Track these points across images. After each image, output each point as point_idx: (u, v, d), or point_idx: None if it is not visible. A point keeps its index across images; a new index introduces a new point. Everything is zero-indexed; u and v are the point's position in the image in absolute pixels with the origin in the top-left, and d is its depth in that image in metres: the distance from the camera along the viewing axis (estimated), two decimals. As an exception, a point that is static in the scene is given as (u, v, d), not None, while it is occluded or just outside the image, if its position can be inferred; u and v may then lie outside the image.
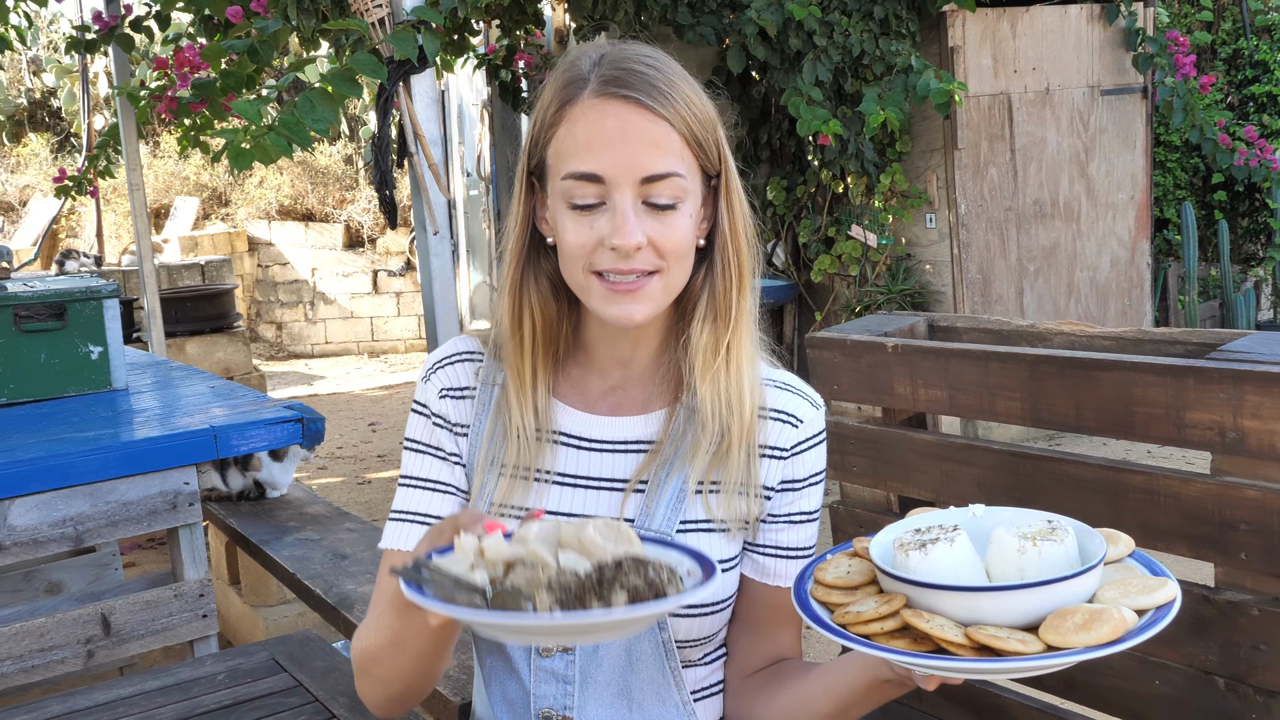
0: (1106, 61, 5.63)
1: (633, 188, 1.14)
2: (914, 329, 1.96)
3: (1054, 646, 0.93)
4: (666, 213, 1.16)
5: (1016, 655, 0.93)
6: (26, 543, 2.16)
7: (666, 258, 1.16)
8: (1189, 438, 1.44)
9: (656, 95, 1.14)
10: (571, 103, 1.16)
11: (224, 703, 1.49)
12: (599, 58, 1.18)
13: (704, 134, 1.18)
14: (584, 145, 1.14)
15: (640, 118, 1.14)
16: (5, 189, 11.13)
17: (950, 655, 0.96)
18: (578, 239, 1.16)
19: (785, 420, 1.28)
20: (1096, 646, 0.92)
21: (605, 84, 1.15)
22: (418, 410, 1.32)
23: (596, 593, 0.93)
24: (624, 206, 1.13)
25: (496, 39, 5.91)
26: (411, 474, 1.31)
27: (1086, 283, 5.73)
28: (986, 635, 0.95)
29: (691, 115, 1.17)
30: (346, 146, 11.48)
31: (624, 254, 1.14)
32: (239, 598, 3.82)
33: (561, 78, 1.19)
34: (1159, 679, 1.53)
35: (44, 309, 2.67)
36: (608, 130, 1.14)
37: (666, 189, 1.15)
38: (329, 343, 10.68)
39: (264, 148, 2.53)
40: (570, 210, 1.16)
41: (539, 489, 1.26)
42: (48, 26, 12.31)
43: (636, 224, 1.14)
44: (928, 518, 1.12)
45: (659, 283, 1.17)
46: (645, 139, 1.14)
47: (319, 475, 6.15)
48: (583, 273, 1.17)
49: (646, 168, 1.13)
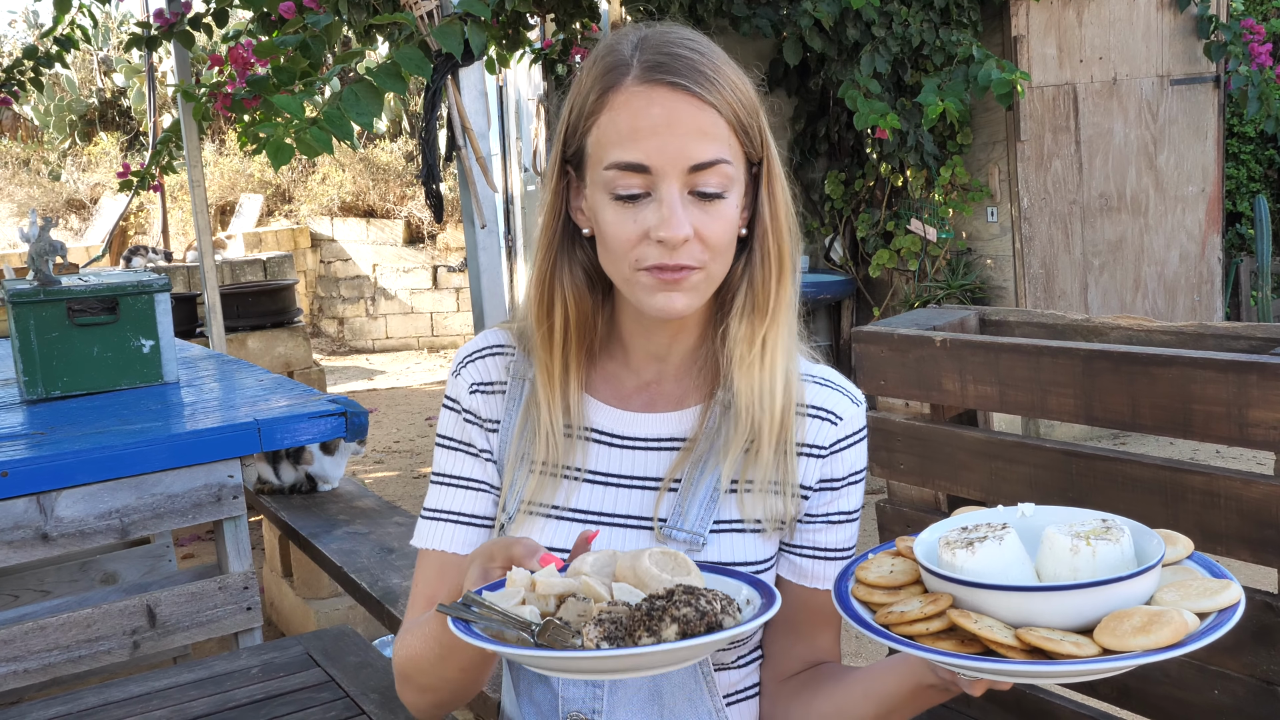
0: (1177, 50, 5.48)
1: (680, 177, 1.10)
2: (964, 323, 1.90)
3: (1110, 650, 0.89)
4: (714, 202, 1.11)
5: (1071, 659, 0.88)
6: (73, 534, 2.18)
7: (710, 250, 1.12)
8: (1252, 437, 1.37)
9: (703, 81, 1.10)
10: (614, 89, 1.12)
11: (256, 696, 1.49)
12: (639, 41, 1.14)
13: (749, 120, 1.14)
14: (628, 134, 1.10)
15: (687, 105, 1.10)
16: (77, 187, 11.37)
17: (1000, 658, 0.91)
18: (621, 231, 1.12)
19: (824, 417, 1.24)
20: (1156, 650, 0.87)
21: (649, 70, 1.11)
22: (449, 406, 1.30)
23: (646, 625, 0.92)
24: (671, 197, 1.09)
25: (552, 33, 5.90)
26: (443, 471, 1.29)
27: (1154, 278, 5.59)
28: (1038, 637, 0.90)
29: (738, 101, 1.13)
30: (407, 143, 11.57)
31: (671, 246, 1.10)
32: (291, 590, 3.85)
33: (601, 63, 1.15)
34: (1218, 688, 1.47)
35: (96, 303, 2.69)
36: (654, 118, 1.09)
37: (714, 177, 1.11)
38: (389, 338, 10.78)
39: (305, 141, 2.52)
40: (613, 201, 1.12)
41: (569, 486, 1.23)
42: (118, 27, 12.56)
43: (684, 215, 1.10)
44: (974, 516, 1.08)
45: (701, 275, 1.13)
46: (693, 127, 1.10)
47: (375, 469, 6.19)
48: (628, 268, 1.13)
49: (694, 156, 1.10)
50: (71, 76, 11.90)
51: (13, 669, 2.18)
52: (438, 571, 1.27)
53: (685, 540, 1.19)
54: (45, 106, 11.79)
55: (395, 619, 2.44)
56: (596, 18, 5.58)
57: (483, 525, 1.27)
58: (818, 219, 6.28)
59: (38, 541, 2.17)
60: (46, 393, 2.68)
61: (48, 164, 11.89)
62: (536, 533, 1.22)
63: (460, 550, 1.26)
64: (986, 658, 0.92)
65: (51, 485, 2.16)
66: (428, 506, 1.30)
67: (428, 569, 1.28)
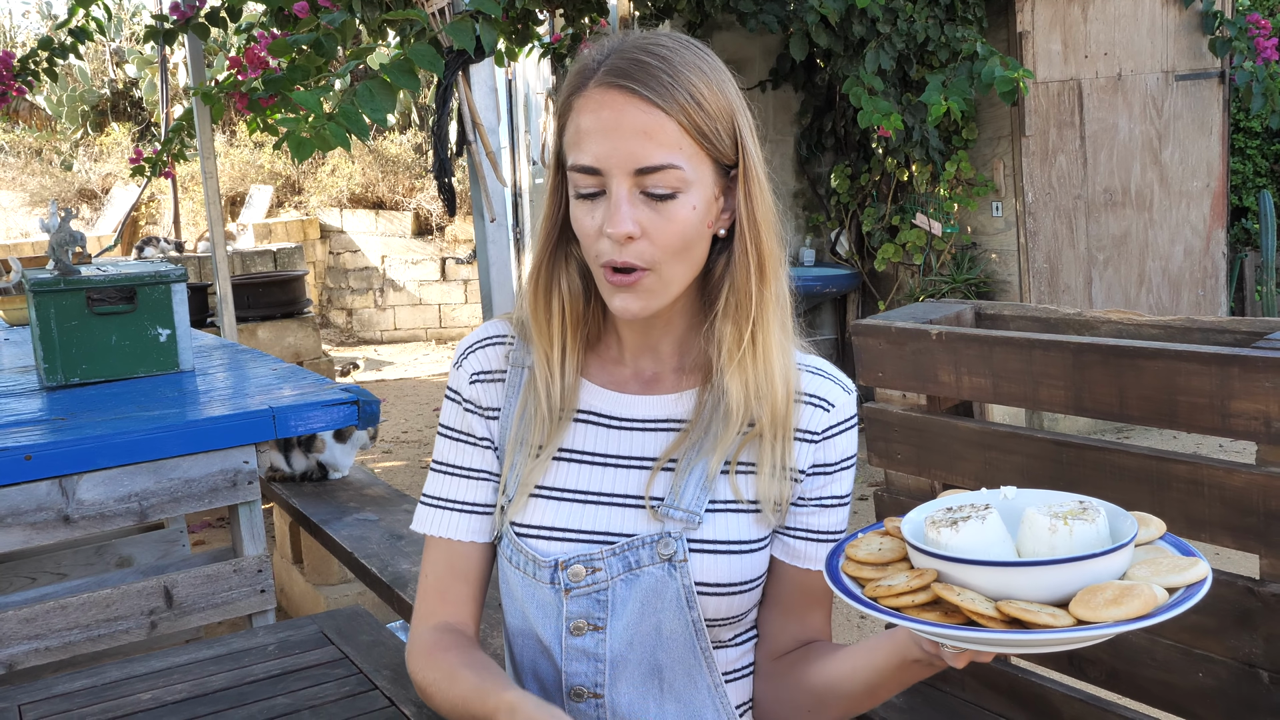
0: (1182, 46, 5.50)
1: (627, 178, 1.14)
2: (960, 317, 1.95)
3: (1084, 620, 0.94)
4: (664, 203, 1.15)
5: (1047, 629, 0.93)
6: (94, 517, 2.24)
7: (661, 250, 1.16)
8: (1233, 427, 1.42)
9: (654, 85, 1.13)
10: (578, 93, 1.18)
11: (273, 672, 1.53)
12: (612, 48, 1.18)
13: (710, 124, 1.16)
14: (584, 136, 1.15)
15: (635, 108, 1.13)
16: (89, 177, 11.44)
17: (980, 628, 0.96)
18: (583, 227, 1.18)
19: (817, 404, 1.28)
20: (1127, 621, 0.92)
21: (607, 74, 1.15)
22: (450, 397, 1.34)
23: None
24: (617, 196, 1.14)
25: (561, 28, 5.94)
26: (444, 460, 1.33)
27: (1158, 272, 5.62)
28: (1017, 609, 0.95)
29: (694, 105, 1.15)
30: (416, 135, 11.62)
31: (616, 241, 1.15)
32: (301, 576, 3.91)
33: (575, 68, 1.21)
34: (1203, 671, 1.52)
35: (115, 292, 2.75)
36: (604, 121, 1.14)
37: (663, 180, 1.14)
38: (398, 329, 10.83)
39: (324, 137, 2.58)
40: (576, 199, 1.18)
41: (567, 468, 1.27)
42: (130, 19, 12.61)
43: (629, 212, 1.14)
44: (959, 498, 1.13)
45: (653, 278, 1.17)
46: (638, 129, 1.13)
47: (384, 459, 6.25)
48: (593, 261, 1.19)
49: (640, 159, 1.13)
50: (84, 67, 11.96)
51: (34, 646, 2.24)
52: (447, 565, 1.32)
53: (681, 519, 1.23)
54: (58, 96, 11.86)
55: (405, 603, 2.49)
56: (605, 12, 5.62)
57: (483, 512, 1.31)
58: (824, 213, 6.32)
59: (59, 524, 2.22)
60: (66, 379, 2.74)
61: (60, 154, 11.96)
62: (537, 514, 1.26)
63: (464, 537, 1.31)
64: (968, 627, 0.97)
65: (73, 469, 2.22)
66: (428, 493, 1.34)
67: (436, 561, 1.33)
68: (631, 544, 1.23)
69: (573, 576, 1.23)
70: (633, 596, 1.23)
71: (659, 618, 1.24)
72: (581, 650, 1.25)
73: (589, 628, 1.24)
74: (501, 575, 1.32)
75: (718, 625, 1.27)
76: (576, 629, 1.25)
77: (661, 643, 1.25)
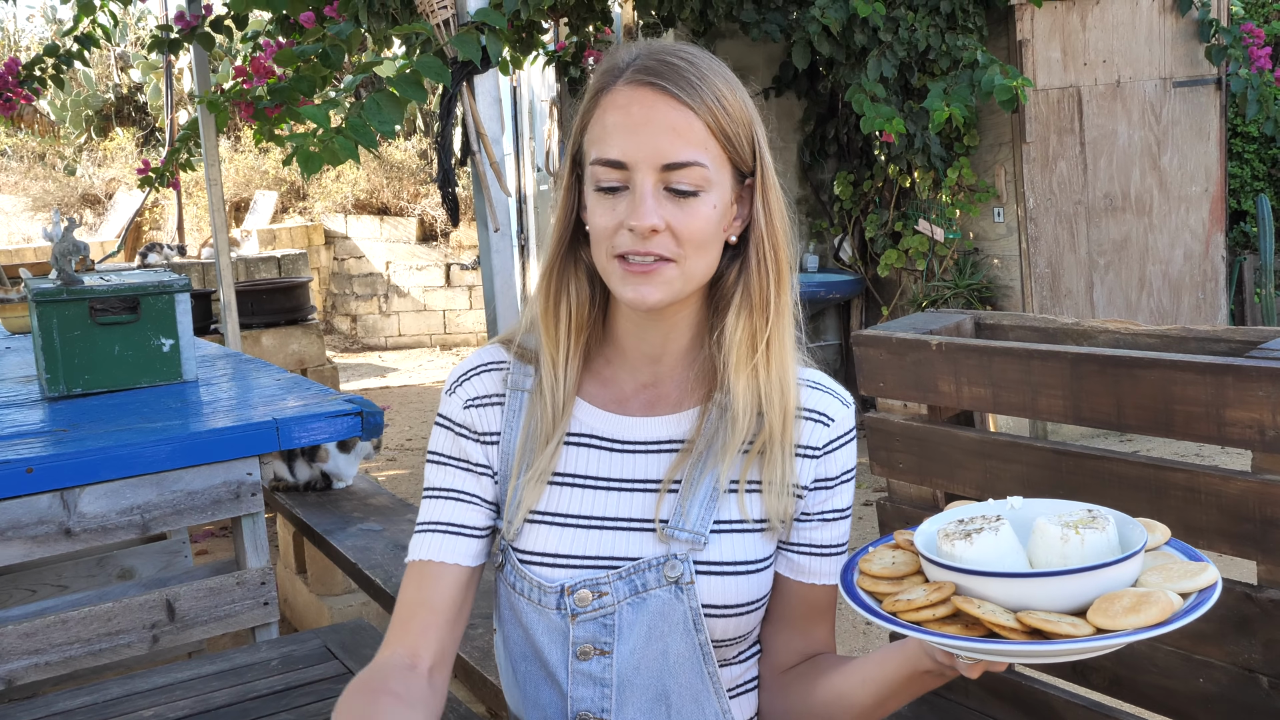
0: (1179, 53, 5.52)
1: (653, 173, 1.15)
2: (960, 327, 1.95)
3: (1104, 629, 0.95)
4: (687, 199, 1.16)
5: (1069, 638, 0.94)
6: (95, 529, 2.24)
7: (684, 245, 1.17)
8: (1229, 436, 1.42)
9: (684, 85, 1.16)
10: (605, 91, 1.19)
11: (276, 688, 1.54)
12: (639, 52, 1.20)
13: (733, 128, 1.18)
14: (611, 131, 1.17)
15: (665, 104, 1.15)
16: (92, 182, 11.47)
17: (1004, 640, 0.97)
18: (602, 220, 1.18)
19: (817, 419, 1.28)
20: (1147, 628, 0.93)
21: (637, 73, 1.17)
22: (441, 424, 1.32)
23: None
24: (643, 189, 1.15)
25: (566, 36, 5.96)
26: (435, 485, 1.31)
27: (1159, 276, 5.63)
28: (1038, 619, 0.96)
29: (720, 108, 1.17)
30: (421, 142, 11.64)
31: (641, 235, 1.15)
32: (305, 587, 3.91)
33: (601, 70, 1.22)
34: (1203, 677, 1.52)
35: (118, 302, 2.75)
36: (633, 116, 1.16)
37: (688, 176, 1.15)
38: (402, 335, 10.84)
39: (332, 151, 2.58)
40: (596, 193, 1.18)
41: (572, 493, 1.26)
42: (135, 24, 12.64)
43: (654, 206, 1.15)
44: (969, 509, 1.14)
45: (675, 270, 1.18)
46: (667, 125, 1.15)
47: (387, 467, 6.25)
48: (606, 256, 1.19)
49: (667, 154, 1.15)
50: (88, 72, 11.99)
51: (34, 661, 2.22)
52: (417, 590, 1.26)
53: (688, 540, 1.22)
54: (62, 101, 11.88)
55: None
56: (609, 21, 5.64)
57: (468, 535, 1.28)
58: (827, 219, 6.33)
59: (61, 536, 2.22)
60: (68, 390, 2.74)
61: (63, 158, 11.99)
62: (541, 540, 1.25)
63: (448, 559, 1.26)
64: (993, 640, 0.97)
65: (75, 481, 2.21)
66: (420, 520, 1.31)
67: (408, 586, 1.27)
68: (638, 567, 1.22)
69: (579, 601, 1.23)
70: (640, 620, 1.23)
71: (666, 641, 1.23)
72: (588, 675, 1.24)
73: (596, 652, 1.24)
74: (505, 601, 1.30)
75: (723, 645, 1.27)
76: (583, 654, 1.24)
77: (669, 666, 1.24)
